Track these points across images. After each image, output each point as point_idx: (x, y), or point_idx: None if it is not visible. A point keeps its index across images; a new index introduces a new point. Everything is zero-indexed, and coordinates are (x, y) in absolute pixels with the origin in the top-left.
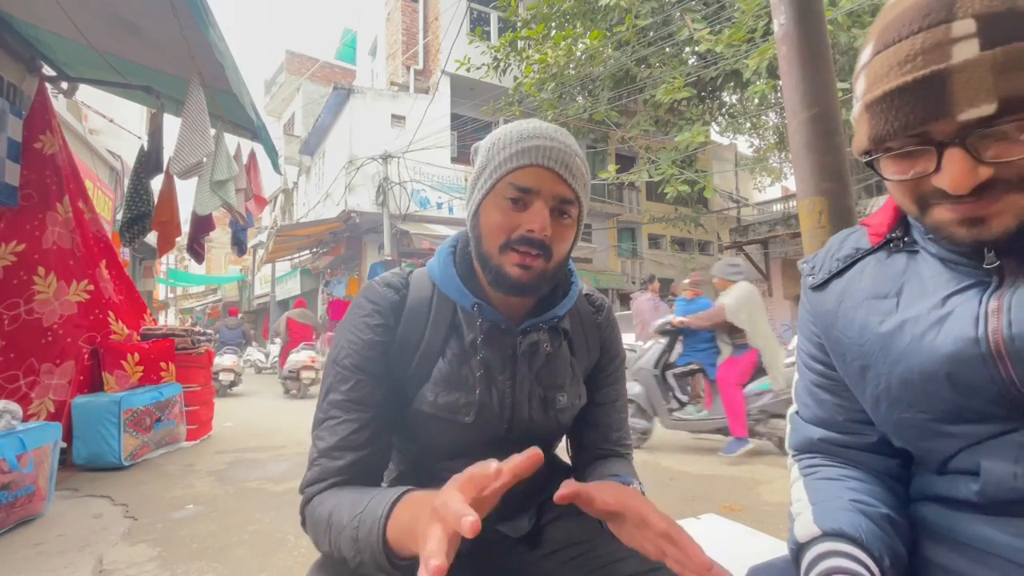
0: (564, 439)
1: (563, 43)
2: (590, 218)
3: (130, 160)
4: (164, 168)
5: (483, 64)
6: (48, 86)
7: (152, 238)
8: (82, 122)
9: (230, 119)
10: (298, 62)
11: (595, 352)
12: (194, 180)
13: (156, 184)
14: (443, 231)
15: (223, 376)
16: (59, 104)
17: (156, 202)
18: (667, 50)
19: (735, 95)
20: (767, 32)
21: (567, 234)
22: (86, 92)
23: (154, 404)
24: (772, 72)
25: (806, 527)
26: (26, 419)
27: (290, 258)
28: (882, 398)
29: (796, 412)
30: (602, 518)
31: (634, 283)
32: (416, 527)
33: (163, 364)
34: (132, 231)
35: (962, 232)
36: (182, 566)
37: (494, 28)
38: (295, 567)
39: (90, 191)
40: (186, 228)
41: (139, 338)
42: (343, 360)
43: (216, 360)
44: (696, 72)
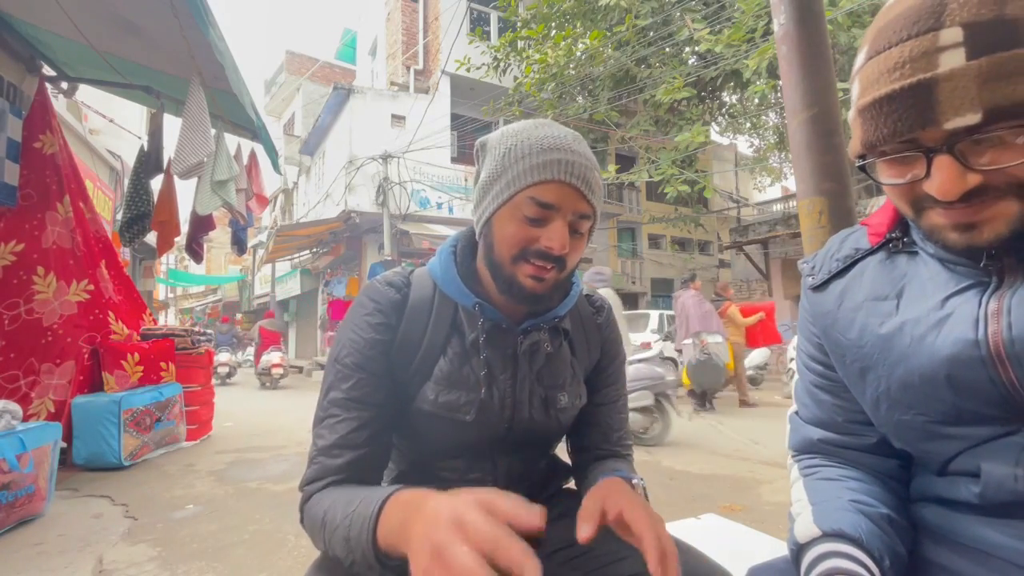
0: (564, 439)
1: (563, 43)
2: None
3: (130, 160)
4: (164, 168)
5: (483, 64)
6: (48, 86)
7: (152, 238)
8: (82, 122)
9: (230, 119)
10: (298, 62)
11: (595, 352)
12: (193, 180)
13: (156, 184)
14: (443, 231)
15: (220, 369)
16: (59, 104)
17: (156, 202)
18: (667, 50)
19: (735, 95)
20: (767, 32)
21: (580, 246)
22: (86, 92)
23: (154, 404)
24: (772, 72)
25: (806, 527)
26: (26, 419)
27: (290, 258)
28: (882, 400)
29: (796, 412)
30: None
31: (634, 283)
32: (406, 529)
33: (163, 364)
34: (132, 231)
35: (954, 237)
36: (182, 566)
37: (494, 28)
38: (295, 567)
39: (90, 191)
40: (185, 228)
41: (139, 338)
42: (344, 359)
43: (215, 357)
44: (696, 72)
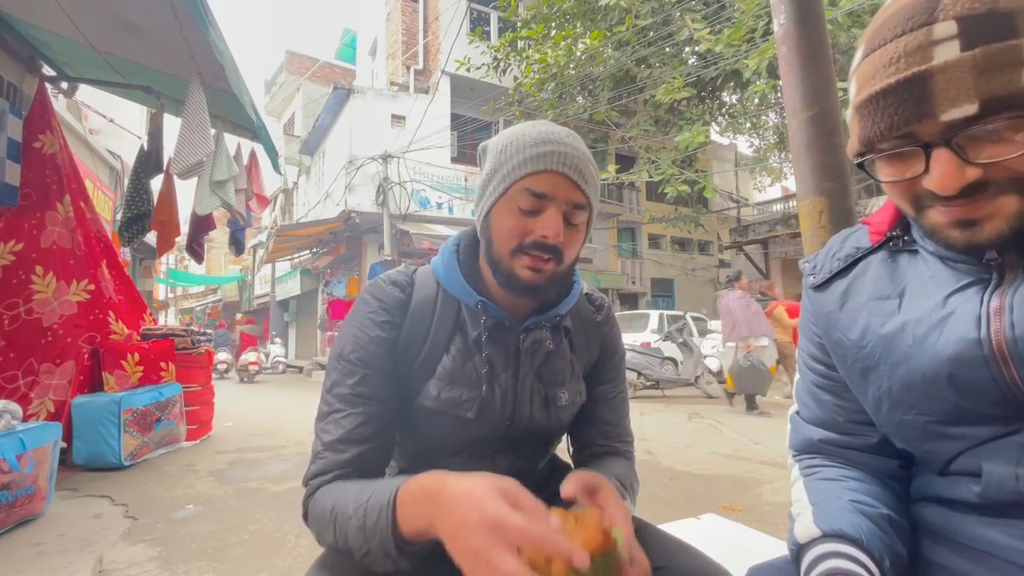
0: (565, 437)
1: (563, 43)
2: None
3: (130, 160)
4: (164, 168)
5: (483, 64)
6: (48, 86)
7: (152, 238)
8: (82, 122)
9: (230, 119)
10: (298, 62)
11: (595, 350)
12: (193, 180)
13: (156, 184)
14: (443, 231)
15: (220, 366)
16: (59, 104)
17: (156, 202)
18: (667, 50)
19: (735, 95)
20: (767, 32)
21: (577, 238)
22: (86, 92)
23: (154, 404)
24: (772, 72)
25: (806, 528)
26: (26, 419)
27: (290, 258)
28: (883, 400)
29: (796, 412)
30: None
31: (634, 283)
32: (432, 518)
33: (163, 364)
34: (131, 231)
35: (955, 235)
36: (182, 566)
37: (494, 28)
38: (295, 567)
39: (90, 191)
40: (185, 228)
41: (139, 338)
42: (349, 355)
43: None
44: (696, 72)
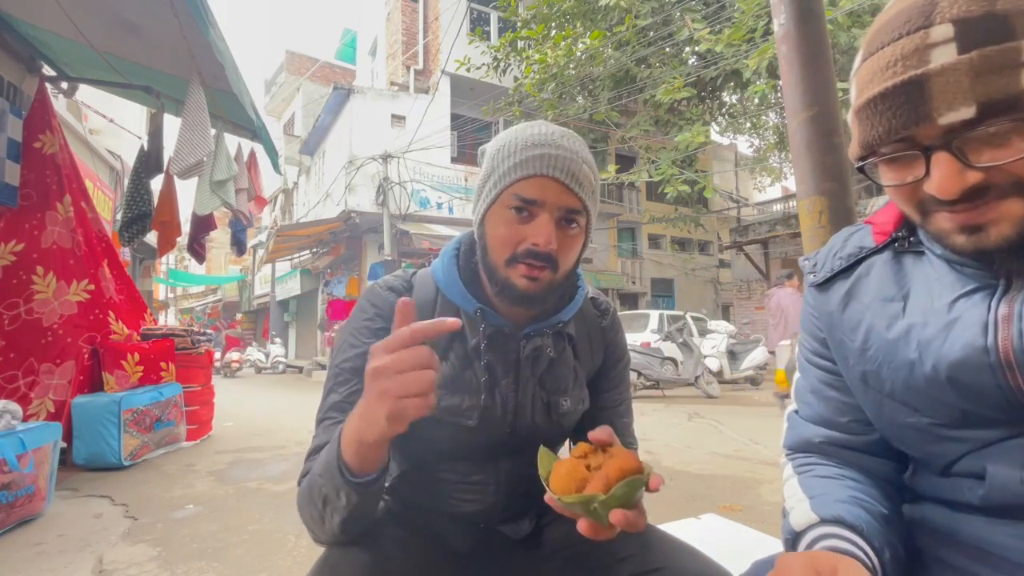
0: (568, 442)
1: (563, 43)
2: None
3: (130, 160)
4: (164, 168)
5: (483, 64)
6: (48, 86)
7: (152, 238)
8: (82, 122)
9: (230, 119)
10: (298, 62)
11: (599, 356)
12: (194, 180)
13: (156, 184)
14: (443, 231)
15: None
16: (59, 104)
17: (156, 202)
18: (667, 50)
19: (735, 95)
20: (767, 32)
21: (574, 243)
22: (86, 92)
23: (154, 404)
24: (772, 72)
25: (803, 515)
26: (26, 419)
27: (290, 258)
28: (885, 402)
29: (795, 411)
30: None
31: (634, 283)
32: (356, 417)
33: (163, 364)
34: (131, 231)
35: (961, 240)
36: (182, 566)
37: (494, 28)
38: (295, 567)
39: (90, 191)
40: (186, 228)
41: (139, 338)
42: (344, 363)
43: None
44: (696, 72)
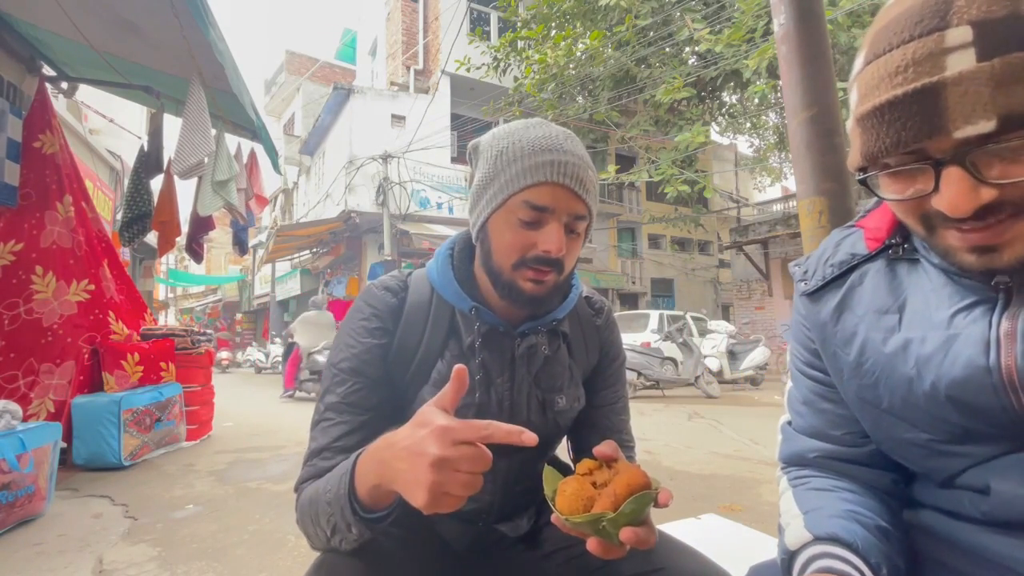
0: (565, 441)
1: (563, 43)
2: None
3: (130, 160)
4: (164, 168)
5: (483, 64)
6: (48, 86)
7: (152, 238)
8: (82, 122)
9: (230, 119)
10: (298, 62)
11: (594, 355)
12: (193, 180)
13: (156, 184)
14: (443, 231)
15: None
16: (59, 104)
17: (156, 202)
18: (667, 50)
19: (735, 95)
20: (767, 32)
21: (577, 247)
22: (86, 92)
23: (154, 404)
24: (772, 72)
25: (797, 533)
26: (26, 419)
27: (290, 258)
28: (884, 417)
29: (788, 422)
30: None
31: (634, 283)
32: (388, 466)
33: (163, 364)
34: (132, 231)
35: (971, 259)
36: (182, 566)
37: (494, 28)
38: (295, 567)
39: (90, 191)
40: (185, 228)
41: (139, 338)
42: (340, 363)
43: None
44: (696, 72)
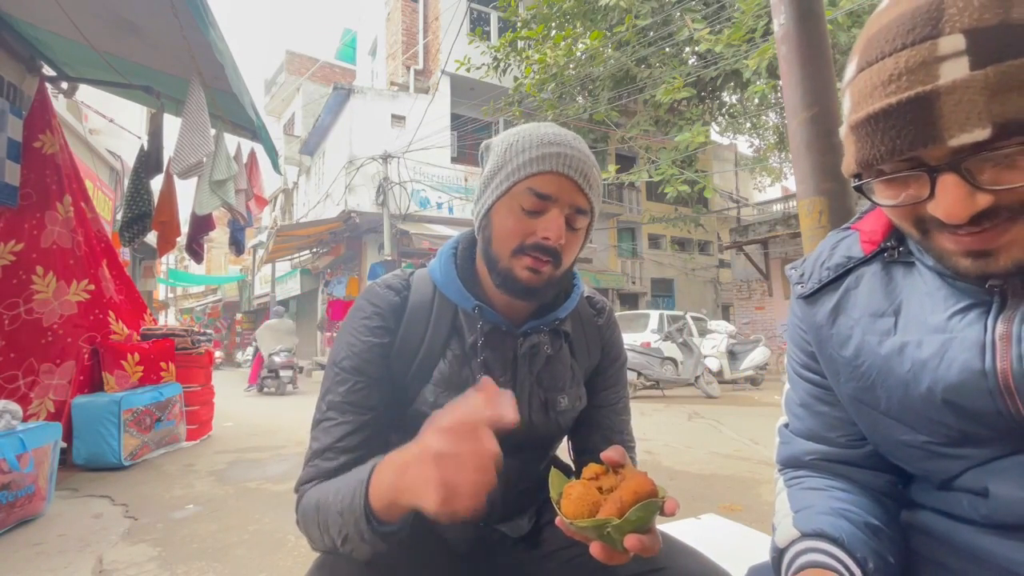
0: (566, 440)
1: (563, 43)
2: None
3: (130, 160)
4: (164, 168)
5: (483, 64)
6: (48, 86)
7: (152, 238)
8: (82, 122)
9: (230, 119)
10: (298, 62)
11: (596, 354)
12: (193, 180)
13: (156, 184)
14: (443, 231)
15: None
16: (59, 104)
17: (156, 202)
18: (667, 50)
19: (735, 95)
20: (767, 32)
21: (577, 242)
22: (86, 92)
23: (154, 404)
24: (772, 72)
25: (786, 531)
26: (26, 419)
27: (290, 258)
28: (881, 420)
29: (785, 425)
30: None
31: (634, 283)
32: (405, 475)
33: (163, 364)
34: (132, 231)
35: (967, 264)
36: (182, 566)
37: (494, 28)
38: (295, 567)
39: (90, 191)
40: (185, 228)
41: (139, 338)
42: (342, 362)
43: None
44: (696, 72)
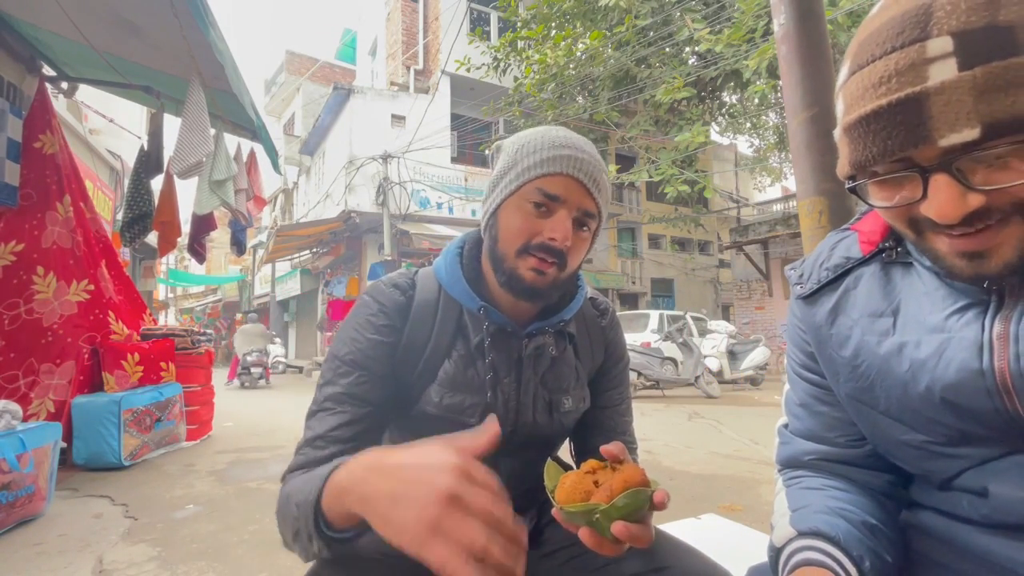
0: (568, 441)
1: (563, 43)
2: None
3: (130, 160)
4: (164, 168)
5: (483, 64)
6: (48, 86)
7: (153, 238)
8: (82, 122)
9: (230, 119)
10: (298, 62)
11: (599, 355)
12: (194, 180)
13: (156, 184)
14: (443, 231)
15: None
16: (59, 104)
17: (157, 202)
18: (667, 50)
19: (735, 95)
20: (767, 32)
21: (583, 246)
22: (86, 92)
23: (154, 404)
24: (772, 72)
25: (783, 530)
26: (26, 419)
27: (290, 258)
28: (880, 420)
29: (785, 425)
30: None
31: (634, 283)
32: (364, 487)
33: (163, 364)
34: (132, 231)
35: (961, 264)
36: (182, 566)
37: (494, 28)
38: (295, 567)
39: (90, 191)
40: (186, 228)
41: (139, 338)
42: (344, 355)
43: None
44: (696, 72)
